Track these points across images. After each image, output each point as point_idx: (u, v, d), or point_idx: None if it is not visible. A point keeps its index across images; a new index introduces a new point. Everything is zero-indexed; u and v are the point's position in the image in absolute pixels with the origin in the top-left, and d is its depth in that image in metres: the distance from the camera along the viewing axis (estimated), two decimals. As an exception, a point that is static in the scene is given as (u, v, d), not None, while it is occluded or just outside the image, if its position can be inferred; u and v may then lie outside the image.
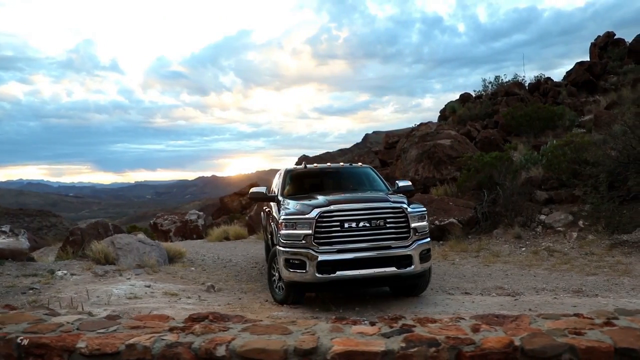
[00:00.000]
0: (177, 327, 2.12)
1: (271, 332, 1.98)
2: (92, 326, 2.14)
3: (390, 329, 2.06)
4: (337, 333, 1.99)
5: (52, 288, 7.50)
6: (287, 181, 7.82)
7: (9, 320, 2.25)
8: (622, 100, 20.01)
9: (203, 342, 1.87)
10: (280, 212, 6.71)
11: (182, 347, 1.84)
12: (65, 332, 2.06)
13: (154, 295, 7.30)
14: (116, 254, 9.55)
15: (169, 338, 1.93)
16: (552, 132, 19.41)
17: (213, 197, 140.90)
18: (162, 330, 2.07)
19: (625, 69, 24.05)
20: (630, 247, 8.74)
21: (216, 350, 1.81)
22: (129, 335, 1.99)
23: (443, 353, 1.78)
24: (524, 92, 24.24)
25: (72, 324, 2.17)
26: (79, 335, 2.02)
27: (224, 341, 1.86)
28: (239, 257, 12.09)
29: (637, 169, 9.58)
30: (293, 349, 1.80)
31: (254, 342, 1.84)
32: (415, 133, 17.72)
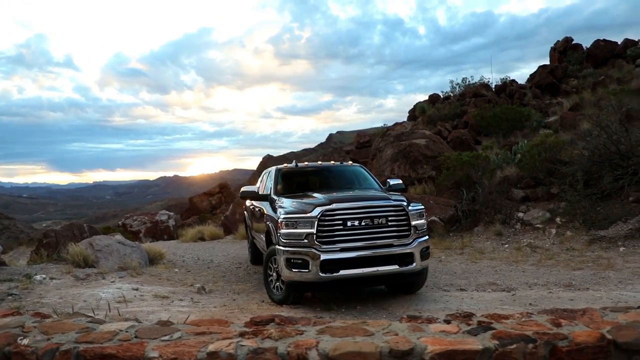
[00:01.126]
0: (247, 331, 2.01)
1: (352, 334, 1.91)
2: (150, 333, 2.01)
3: (468, 326, 2.03)
4: (419, 332, 1.95)
5: (33, 293, 7.11)
6: (279, 180, 7.71)
7: (53, 329, 2.08)
8: (584, 103, 20.88)
9: (289, 346, 1.78)
10: (278, 211, 6.60)
11: (270, 353, 1.74)
12: (125, 341, 1.92)
13: (144, 298, 7.04)
14: (96, 256, 9.17)
15: (248, 344, 1.83)
16: (520, 133, 20.03)
17: (176, 197, 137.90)
18: (233, 335, 1.96)
19: (585, 72, 25.11)
20: (608, 242, 9.10)
21: (308, 355, 1.72)
22: (200, 342, 1.87)
23: (540, 349, 1.76)
24: (491, 93, 24.90)
25: (127, 332, 2.03)
26: (142, 343, 1.89)
27: (310, 345, 1.78)
28: (220, 257, 11.85)
29: (611, 168, 9.99)
30: (388, 351, 1.74)
31: (346, 344, 1.76)
32: (391, 133, 17.89)
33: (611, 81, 22.38)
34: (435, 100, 27.08)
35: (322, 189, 7.50)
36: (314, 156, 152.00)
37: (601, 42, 26.25)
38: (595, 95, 21.38)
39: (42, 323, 2.17)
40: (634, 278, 6.98)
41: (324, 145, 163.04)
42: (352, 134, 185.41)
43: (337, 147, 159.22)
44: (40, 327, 2.10)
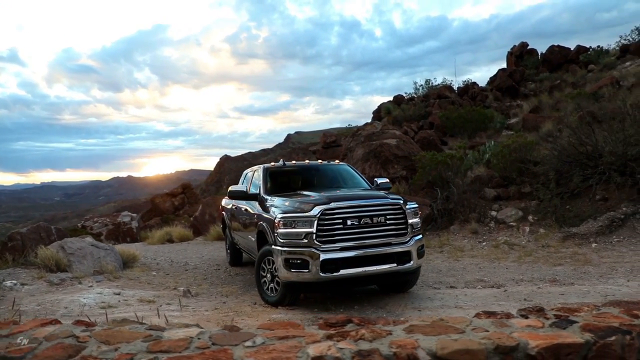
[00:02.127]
0: (332, 334, 1.92)
1: (444, 332, 1.85)
2: (227, 339, 1.87)
3: (547, 320, 2.02)
4: (506, 328, 1.91)
5: (5, 301, 6.64)
6: (267, 179, 7.55)
7: (114, 338, 1.91)
8: (543, 105, 21.79)
9: (391, 347, 1.70)
10: (272, 210, 6.47)
11: (376, 355, 1.65)
12: (204, 349, 1.78)
13: (129, 303, 6.72)
14: (68, 260, 8.69)
15: (346, 346, 1.73)
16: (485, 134, 20.64)
17: (130, 198, 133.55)
18: (320, 337, 1.86)
19: (541, 76, 26.21)
20: (580, 238, 9.49)
21: (418, 354, 1.65)
22: (290, 346, 1.76)
23: (636, 340, 1.76)
24: (454, 95, 25.54)
25: (200, 338, 1.89)
26: (226, 350, 1.76)
27: (414, 345, 1.71)
28: (195, 259, 11.52)
29: (581, 168, 10.44)
30: (494, 347, 1.69)
31: (451, 343, 1.70)
32: (361, 132, 17.99)
33: (566, 85, 23.48)
34: (400, 102, 27.51)
35: (312, 188, 7.41)
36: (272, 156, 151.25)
37: (555, 48, 27.48)
38: (552, 98, 22.36)
39: (95, 331, 1.99)
40: (613, 272, 7.30)
41: (282, 146, 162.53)
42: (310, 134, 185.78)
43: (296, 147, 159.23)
44: (97, 337, 1.92)
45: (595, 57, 25.31)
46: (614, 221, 9.58)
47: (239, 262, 10.15)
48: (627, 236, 9.20)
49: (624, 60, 23.36)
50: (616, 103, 11.77)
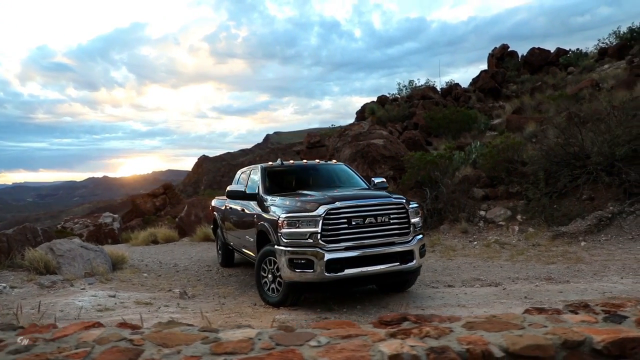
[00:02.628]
0: (394, 332, 1.89)
1: (505, 328, 1.85)
2: (290, 339, 1.82)
3: (597, 315, 2.04)
4: (562, 323, 1.92)
5: (-4, 304, 6.42)
6: (266, 178, 7.48)
7: (170, 340, 1.83)
8: (525, 107, 22.19)
9: (460, 343, 1.69)
10: (272, 210, 6.42)
11: (451, 352, 1.64)
12: (269, 349, 1.73)
13: (126, 305, 6.57)
14: (57, 262, 8.46)
15: (417, 344, 1.71)
16: (469, 134, 20.91)
17: (105, 199, 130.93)
18: (383, 336, 1.83)
19: (523, 78, 26.71)
20: (569, 237, 9.68)
21: (491, 351, 1.64)
22: (359, 345, 1.72)
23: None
24: (438, 96, 25.81)
25: (260, 339, 1.84)
26: (293, 351, 1.71)
27: (484, 342, 1.70)
28: (184, 260, 11.35)
29: (569, 168, 10.66)
30: (562, 342, 1.69)
31: (522, 339, 1.70)
32: (348, 132, 18.03)
33: (547, 87, 23.97)
34: (383, 102, 27.65)
35: (311, 187, 7.37)
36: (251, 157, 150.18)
37: (536, 50, 28.03)
38: (534, 99, 22.79)
39: (147, 334, 1.92)
40: (605, 270, 7.46)
41: (261, 146, 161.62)
42: (289, 134, 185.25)
43: (275, 147, 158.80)
44: (152, 339, 1.84)
45: (575, 60, 25.92)
46: (602, 220, 9.81)
47: (230, 263, 10.04)
48: (615, 235, 9.42)
49: (603, 62, 23.98)
50: (601, 104, 12.04)
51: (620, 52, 23.43)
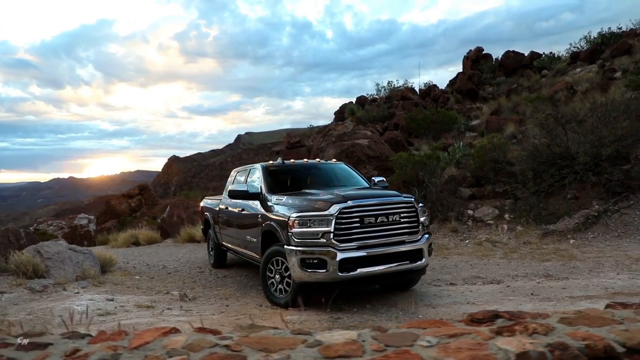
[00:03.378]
0: (500, 329, 1.85)
1: (606, 323, 1.84)
2: (397, 340, 1.76)
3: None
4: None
5: (-13, 310, 6.10)
6: (268, 178, 7.36)
7: (272, 345, 1.74)
8: (502, 108, 22.67)
9: (580, 340, 1.67)
10: (279, 209, 6.33)
11: (573, 349, 1.61)
12: (381, 351, 1.67)
13: (127, 309, 6.35)
14: (46, 265, 8.12)
15: (534, 341, 1.68)
16: (449, 135, 21.20)
17: (72, 200, 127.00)
18: (489, 334, 1.79)
19: (498, 80, 27.28)
20: (558, 235, 9.92)
21: (613, 346, 1.62)
22: (476, 343, 1.67)
23: None
24: (417, 97, 26.09)
25: (365, 341, 1.77)
26: (408, 351, 1.66)
27: (599, 337, 1.68)
28: (172, 262, 11.07)
29: (556, 168, 10.93)
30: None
31: (633, 334, 1.69)
32: (332, 132, 18.01)
33: (523, 89, 24.54)
34: (363, 103, 27.77)
35: (314, 186, 7.30)
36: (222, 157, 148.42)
37: (511, 53, 28.68)
38: (510, 101, 23.30)
39: (240, 339, 1.82)
40: (600, 267, 7.66)
41: (232, 147, 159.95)
42: (261, 135, 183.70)
43: (247, 148, 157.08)
44: (249, 344, 1.76)
45: (548, 63, 26.65)
46: (589, 218, 10.09)
47: (223, 264, 9.86)
48: (602, 232, 9.71)
49: (575, 66, 24.73)
50: (585, 105, 12.39)
51: (592, 56, 24.22)
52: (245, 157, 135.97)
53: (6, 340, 1.94)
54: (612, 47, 23.19)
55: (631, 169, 10.90)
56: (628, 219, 9.89)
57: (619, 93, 17.15)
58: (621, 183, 10.61)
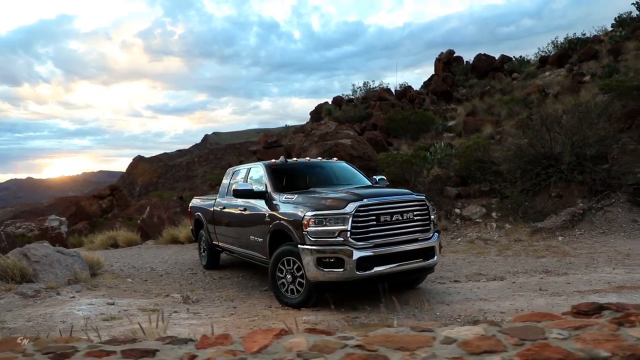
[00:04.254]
0: (617, 321, 1.84)
1: None
2: (528, 333, 1.72)
3: None
4: None
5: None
6: (273, 177, 7.22)
7: (406, 343, 1.69)
8: (477, 110, 23.17)
9: None
10: (289, 208, 6.23)
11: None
12: (519, 345, 1.64)
13: (131, 313, 6.09)
14: (34, 268, 7.71)
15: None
16: (427, 135, 21.50)
17: (30, 201, 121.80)
18: (614, 327, 1.77)
19: (471, 82, 27.88)
20: (547, 232, 10.19)
21: None
22: (609, 334, 1.66)
23: None
24: (393, 98, 26.34)
25: (495, 335, 1.73)
26: (545, 345, 1.63)
27: None
28: (159, 264, 10.74)
29: (543, 167, 11.23)
30: None
31: None
32: (315, 132, 17.95)
33: (495, 91, 25.18)
34: (339, 103, 27.83)
35: (319, 185, 7.21)
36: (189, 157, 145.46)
37: (482, 56, 29.37)
38: (484, 102, 23.85)
39: (369, 338, 1.75)
40: (595, 262, 7.90)
41: (199, 146, 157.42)
42: (228, 135, 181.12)
43: (214, 148, 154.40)
44: (381, 343, 1.69)
45: (518, 66, 27.42)
46: (575, 216, 10.41)
47: (216, 265, 9.64)
48: (588, 229, 10.03)
49: (544, 70, 25.54)
50: (567, 107, 12.78)
51: (560, 61, 25.07)
52: (213, 157, 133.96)
53: (102, 348, 1.80)
54: (579, 52, 24.08)
55: (610, 168, 11.32)
56: (611, 216, 10.26)
57: (589, 96, 17.82)
58: (602, 182, 10.99)
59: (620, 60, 20.44)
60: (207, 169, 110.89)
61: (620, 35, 22.99)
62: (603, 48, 22.84)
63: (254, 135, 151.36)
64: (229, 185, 8.65)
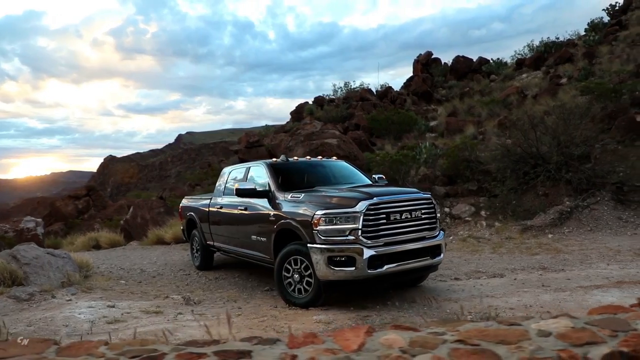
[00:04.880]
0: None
1: None
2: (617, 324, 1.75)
3: None
4: None
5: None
6: (275, 176, 7.14)
7: (504, 337, 1.69)
8: (457, 110, 23.52)
9: None
10: (295, 207, 6.20)
11: None
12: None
13: (135, 315, 5.94)
14: (24, 271, 7.44)
15: None
16: (410, 135, 21.70)
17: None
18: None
19: (450, 83, 28.30)
20: (536, 230, 10.41)
21: None
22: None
23: None
24: (375, 98, 26.51)
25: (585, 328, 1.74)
26: None
27: None
28: (149, 265, 10.50)
29: (531, 166, 11.48)
30: None
31: None
32: (301, 132, 17.90)
33: (474, 92, 25.62)
34: (321, 103, 27.83)
35: (322, 184, 7.17)
36: (162, 157, 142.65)
37: (461, 58, 29.85)
38: (464, 104, 24.23)
39: (461, 332, 1.74)
40: (588, 259, 8.10)
41: (173, 146, 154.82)
42: (203, 135, 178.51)
43: (188, 148, 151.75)
44: (482, 338, 1.68)
45: (496, 68, 28.00)
46: (562, 214, 10.67)
47: (209, 266, 9.50)
48: (576, 227, 10.30)
49: (521, 72, 26.14)
50: (547, 108, 13.06)
51: (536, 63, 25.71)
52: (187, 157, 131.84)
53: (190, 350, 1.73)
54: (555, 55, 24.73)
55: (594, 167, 11.65)
56: (597, 214, 10.56)
57: (568, 98, 18.32)
58: (587, 181, 11.30)
59: (595, 64, 21.09)
60: (181, 169, 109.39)
61: (594, 40, 23.73)
62: (578, 51, 23.52)
63: (228, 135, 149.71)
64: (225, 184, 8.54)
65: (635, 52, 19.27)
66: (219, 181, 8.97)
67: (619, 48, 20.82)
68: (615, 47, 21.33)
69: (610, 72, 18.82)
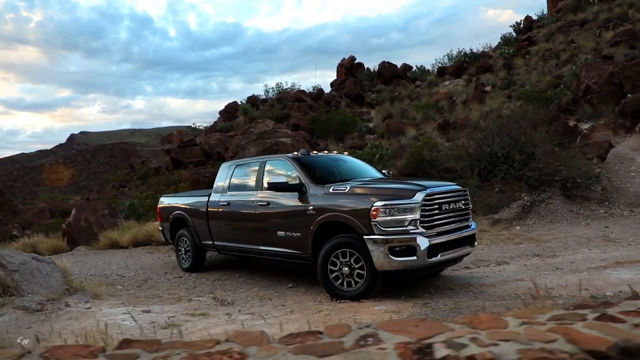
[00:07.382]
0: None
1: None
2: None
3: None
4: None
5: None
6: (304, 169, 7.01)
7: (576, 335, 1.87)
8: (392, 113, 24.61)
9: None
10: (343, 198, 6.18)
11: None
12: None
13: (183, 319, 5.53)
14: (13, 279, 6.49)
15: None
16: (350, 136, 22.27)
17: None
18: None
19: (379, 88, 29.50)
20: (505, 223, 11.31)
21: None
22: None
23: None
24: (310, 99, 26.77)
25: None
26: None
27: None
28: (123, 270, 9.70)
29: (493, 165, 12.45)
30: None
31: None
32: (253, 130, 17.56)
33: (403, 97, 26.98)
34: (254, 103, 27.47)
35: (346, 177, 7.19)
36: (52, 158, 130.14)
37: (386, 64, 31.21)
38: (395, 107, 25.42)
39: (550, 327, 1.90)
40: (570, 245, 8.91)
41: (64, 147, 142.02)
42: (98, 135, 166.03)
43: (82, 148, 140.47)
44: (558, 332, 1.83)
45: (420, 75, 29.74)
46: (524, 208, 11.72)
47: (201, 267, 9.02)
48: (537, 219, 11.36)
49: (444, 79, 28.06)
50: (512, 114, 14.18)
51: (458, 71, 27.78)
52: (81, 158, 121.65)
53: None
54: (476, 65, 26.91)
55: (540, 166, 12.95)
56: (553, 208, 11.74)
57: (496, 104, 20.07)
58: (537, 179, 12.53)
59: (513, 74, 23.35)
60: (74, 171, 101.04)
61: (508, 53, 26.23)
62: (496, 63, 25.83)
63: (128, 135, 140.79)
64: (230, 180, 8.18)
65: (548, 65, 21.67)
66: (218, 177, 8.56)
67: (533, 61, 23.27)
68: (529, 60, 23.79)
69: (530, 82, 20.97)
